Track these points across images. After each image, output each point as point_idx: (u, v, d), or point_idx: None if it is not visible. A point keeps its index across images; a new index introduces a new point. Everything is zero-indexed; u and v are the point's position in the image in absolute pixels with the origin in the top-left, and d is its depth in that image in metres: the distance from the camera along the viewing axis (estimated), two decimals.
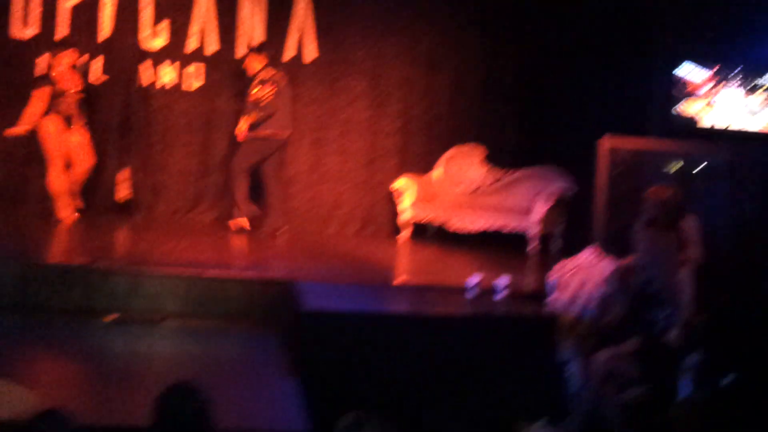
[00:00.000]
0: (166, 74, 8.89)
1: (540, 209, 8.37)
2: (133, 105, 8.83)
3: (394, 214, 9.03)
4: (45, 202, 7.97)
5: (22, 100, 7.83)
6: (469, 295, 6.19)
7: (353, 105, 9.26)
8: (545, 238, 8.52)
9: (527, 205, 8.48)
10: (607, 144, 7.71)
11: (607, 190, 7.63)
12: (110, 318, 5.99)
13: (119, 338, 5.77)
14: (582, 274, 5.96)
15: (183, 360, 5.39)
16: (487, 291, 6.20)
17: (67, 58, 7.89)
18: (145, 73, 8.82)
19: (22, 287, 6.09)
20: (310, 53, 9.14)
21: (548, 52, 9.09)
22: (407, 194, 8.77)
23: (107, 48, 8.76)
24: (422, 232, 8.92)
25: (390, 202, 9.16)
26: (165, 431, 3.36)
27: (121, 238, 8.07)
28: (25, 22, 8.60)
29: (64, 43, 8.11)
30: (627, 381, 5.39)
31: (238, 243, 7.93)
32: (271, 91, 8.15)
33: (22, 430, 3.05)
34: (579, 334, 5.81)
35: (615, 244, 6.59)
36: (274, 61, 8.64)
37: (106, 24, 8.75)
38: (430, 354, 5.41)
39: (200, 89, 8.99)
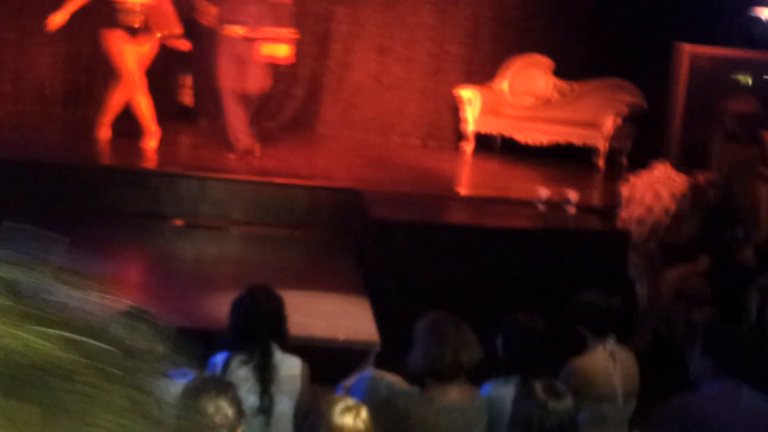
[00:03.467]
0: None
1: (609, 123, 8.18)
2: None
3: (457, 124, 8.92)
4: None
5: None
6: (537, 209, 6.11)
7: (420, 10, 9.06)
8: (614, 153, 8.35)
9: (596, 118, 8.30)
10: (686, 50, 7.44)
11: (683, 100, 7.38)
12: (178, 222, 6.06)
13: (188, 243, 5.84)
14: (655, 190, 5.84)
15: (251, 266, 5.42)
16: (556, 204, 6.12)
17: None
18: None
19: (93, 192, 6.18)
20: None
21: None
22: (470, 105, 8.64)
23: None
24: (488, 143, 8.80)
25: (455, 112, 9.03)
26: (242, 333, 3.41)
27: (186, 143, 8.08)
28: None
29: None
30: (697, 299, 5.34)
31: (302, 151, 7.91)
32: None
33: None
34: (650, 250, 5.74)
35: (689, 159, 6.44)
36: None
37: None
38: (496, 267, 5.40)
39: None
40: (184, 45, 6.94)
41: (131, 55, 6.75)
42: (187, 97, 8.93)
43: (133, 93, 6.83)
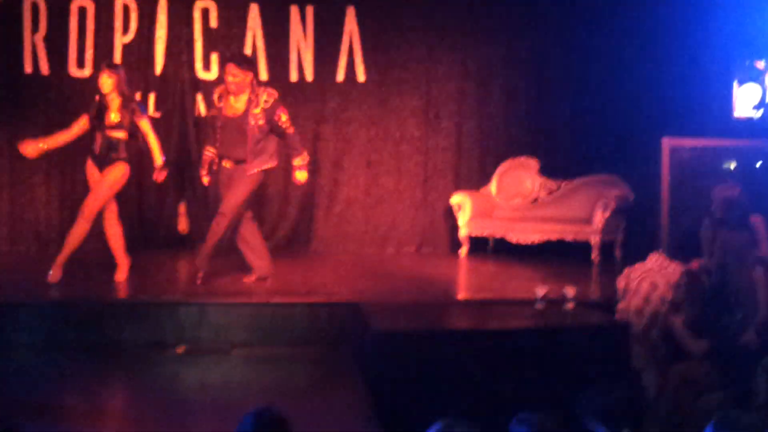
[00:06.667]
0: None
1: (600, 217, 8.29)
2: (189, 137, 8.94)
3: (452, 230, 9.01)
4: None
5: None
6: (536, 307, 6.13)
7: (406, 123, 9.28)
8: (607, 246, 8.43)
9: (586, 214, 8.41)
10: (665, 144, 7.63)
11: (668, 191, 7.53)
12: (180, 349, 6.05)
13: (190, 369, 5.82)
14: (650, 280, 5.88)
15: (255, 388, 5.40)
16: (554, 302, 6.14)
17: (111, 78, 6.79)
18: (201, 104, 8.94)
19: (93, 325, 6.19)
20: (360, 75, 9.18)
21: (599, 60, 8.99)
22: (464, 210, 8.75)
23: (161, 82, 8.92)
24: (482, 246, 8.88)
25: (447, 218, 9.14)
26: None
27: (184, 270, 8.13)
28: (80, 64, 8.81)
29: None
30: (703, 386, 5.31)
31: (298, 269, 7.96)
32: None
33: None
34: (652, 339, 5.74)
35: (680, 248, 6.51)
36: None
37: (158, 59, 8.90)
38: (501, 368, 5.37)
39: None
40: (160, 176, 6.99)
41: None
42: (182, 225, 9.03)
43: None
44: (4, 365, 5.73)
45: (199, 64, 8.96)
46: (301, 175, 7.11)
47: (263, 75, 9.07)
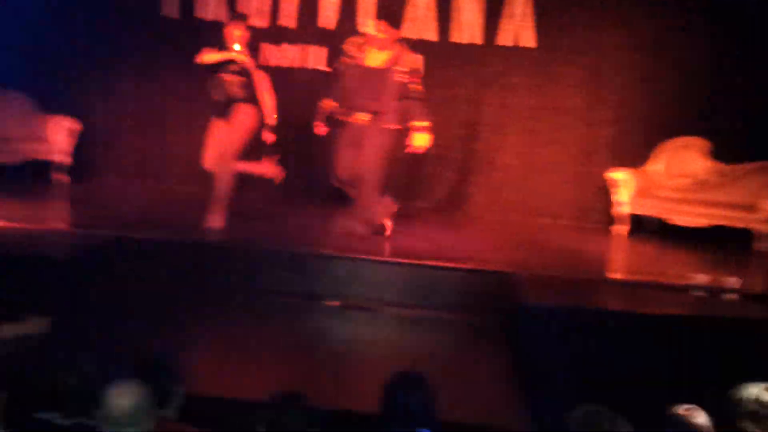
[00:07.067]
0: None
1: (765, 206, 7.91)
2: None
3: (609, 206, 8.81)
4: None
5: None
6: (694, 295, 5.94)
7: (568, 94, 9.10)
8: None
9: (754, 201, 8.04)
10: None
11: None
12: (334, 303, 6.22)
13: (341, 324, 5.98)
14: None
15: (403, 349, 5.49)
16: (715, 291, 5.93)
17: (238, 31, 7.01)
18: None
19: (252, 271, 6.44)
20: (527, 40, 9.05)
21: None
22: (624, 187, 8.53)
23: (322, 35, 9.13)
24: (639, 226, 8.65)
25: (604, 194, 8.93)
26: (392, 418, 3.46)
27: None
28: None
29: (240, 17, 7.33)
30: None
31: (452, 233, 7.99)
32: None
33: (267, 409, 3.22)
34: None
35: None
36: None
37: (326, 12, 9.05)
38: (652, 356, 5.26)
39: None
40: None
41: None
42: (339, 174, 9.17)
43: None
44: (165, 301, 6.06)
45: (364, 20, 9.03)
46: (421, 139, 6.97)
47: (431, 35, 9.09)
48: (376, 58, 6.89)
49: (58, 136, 9.12)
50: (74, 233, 6.66)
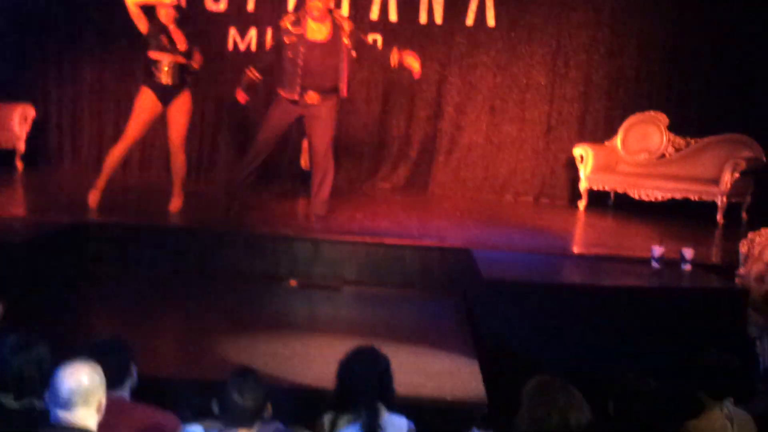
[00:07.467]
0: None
1: (728, 178, 7.98)
2: None
3: (573, 182, 8.85)
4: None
5: (214, 69, 8.12)
6: (652, 267, 5.98)
7: (533, 71, 9.10)
8: (733, 209, 8.12)
9: (714, 174, 8.11)
10: None
11: None
12: (293, 283, 6.20)
13: (301, 302, 5.97)
14: None
15: (362, 325, 5.49)
16: (672, 262, 5.97)
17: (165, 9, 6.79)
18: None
19: (210, 253, 6.42)
20: (490, 20, 9.04)
21: (739, 14, 8.56)
22: (586, 162, 8.56)
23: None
24: (602, 201, 8.70)
25: (568, 170, 8.97)
26: (349, 392, 3.45)
27: (302, 206, 8.27)
28: None
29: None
30: None
31: (414, 212, 7.99)
32: None
33: (220, 387, 3.20)
34: None
35: None
36: None
37: None
38: (609, 327, 5.29)
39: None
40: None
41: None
42: (303, 161, 9.16)
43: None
44: (122, 284, 6.02)
45: None
46: (414, 61, 6.91)
47: (393, 16, 9.05)
48: (317, 32, 6.73)
49: (14, 123, 8.99)
50: (28, 219, 6.58)
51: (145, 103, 6.83)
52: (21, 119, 8.99)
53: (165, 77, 6.77)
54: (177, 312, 5.52)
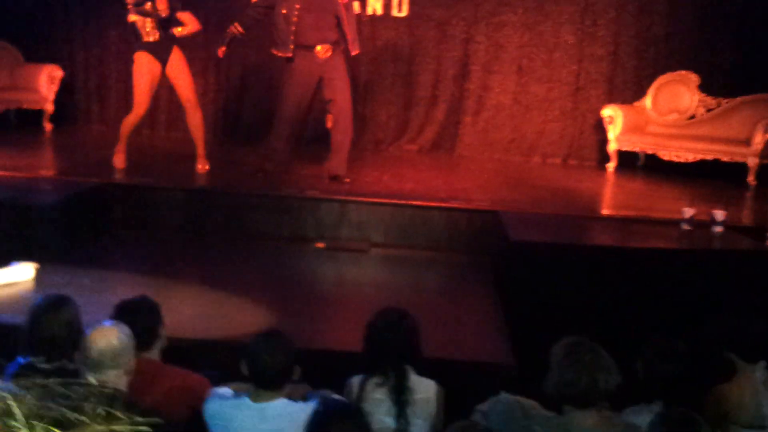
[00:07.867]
0: (372, 3, 9.00)
1: (760, 138, 7.86)
2: None
3: (601, 143, 8.75)
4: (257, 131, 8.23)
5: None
6: (682, 229, 5.92)
7: (560, 30, 8.97)
8: (764, 170, 8.01)
9: (746, 134, 7.99)
10: None
11: None
12: (320, 245, 6.20)
13: (329, 265, 5.97)
14: None
15: (390, 288, 5.48)
16: (702, 224, 5.91)
17: None
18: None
19: (237, 216, 6.42)
20: None
21: None
22: (615, 123, 8.46)
23: None
24: (631, 162, 8.60)
25: (597, 131, 8.88)
26: (377, 355, 3.45)
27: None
28: None
29: None
30: None
31: (441, 174, 7.94)
32: None
33: (248, 348, 3.21)
34: None
35: None
36: None
37: None
38: (638, 289, 5.25)
39: (405, 19, 9.03)
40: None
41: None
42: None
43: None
44: (148, 246, 6.05)
45: None
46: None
47: None
48: None
49: (42, 84, 9.04)
50: (59, 180, 6.61)
51: (143, 66, 6.87)
52: (48, 80, 9.06)
53: (151, 35, 6.82)
54: (204, 274, 5.53)
